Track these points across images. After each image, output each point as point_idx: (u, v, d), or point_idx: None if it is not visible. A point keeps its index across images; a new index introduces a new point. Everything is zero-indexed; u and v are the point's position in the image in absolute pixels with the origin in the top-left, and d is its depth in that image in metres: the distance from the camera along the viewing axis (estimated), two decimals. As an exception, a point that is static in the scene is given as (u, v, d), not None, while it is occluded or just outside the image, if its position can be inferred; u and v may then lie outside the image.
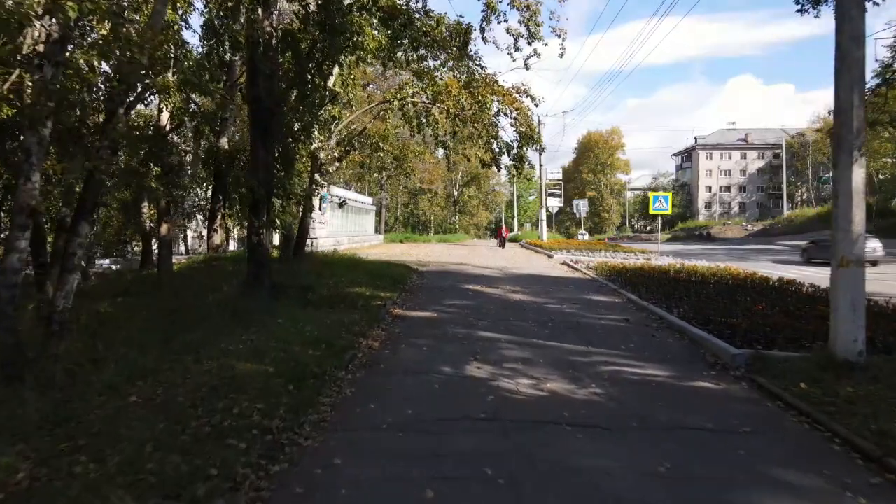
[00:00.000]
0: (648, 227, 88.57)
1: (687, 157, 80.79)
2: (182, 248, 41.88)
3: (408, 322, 7.67)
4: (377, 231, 37.42)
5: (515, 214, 61.14)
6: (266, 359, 5.25)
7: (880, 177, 57.51)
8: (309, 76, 8.58)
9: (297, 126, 8.86)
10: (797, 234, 40.98)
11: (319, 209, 20.48)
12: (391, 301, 8.80)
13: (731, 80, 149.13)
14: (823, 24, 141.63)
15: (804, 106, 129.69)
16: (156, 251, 14.99)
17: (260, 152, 8.36)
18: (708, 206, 75.26)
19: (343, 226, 26.24)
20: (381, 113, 13.45)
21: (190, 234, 44.34)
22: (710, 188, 75.63)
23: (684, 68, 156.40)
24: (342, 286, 9.57)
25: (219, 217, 15.98)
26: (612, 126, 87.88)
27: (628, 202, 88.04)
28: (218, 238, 16.04)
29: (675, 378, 5.28)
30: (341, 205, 17.04)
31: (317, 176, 12.76)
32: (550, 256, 20.76)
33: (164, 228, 12.36)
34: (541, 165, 31.06)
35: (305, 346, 5.75)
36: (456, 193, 55.30)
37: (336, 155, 13.19)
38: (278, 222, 8.22)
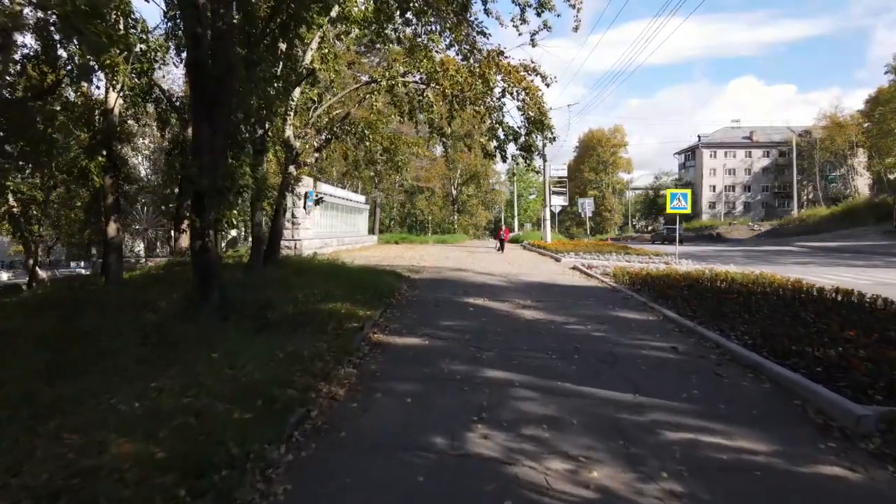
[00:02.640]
0: (650, 228, 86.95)
1: (690, 155, 79.18)
2: (168, 250, 40.08)
3: (390, 353, 5.87)
4: (371, 232, 35.54)
5: (516, 214, 59.38)
6: (164, 429, 3.46)
7: (889, 176, 55.95)
8: (266, 36, 6.77)
9: (254, 102, 7.05)
10: (812, 235, 39.26)
11: (304, 208, 18.69)
12: (371, 321, 7.00)
13: (732, 82, 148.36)
14: (823, 24, 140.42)
15: (806, 107, 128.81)
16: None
17: (204, 133, 6.56)
18: (712, 205, 73.71)
19: (332, 226, 24.38)
20: (368, 96, 11.66)
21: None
22: (714, 187, 74.07)
23: (686, 69, 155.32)
24: (313, 301, 7.77)
25: (187, 216, 14.16)
26: (615, 124, 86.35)
27: (630, 202, 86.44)
28: (186, 240, 14.22)
29: (784, 457, 3.49)
30: (318, 202, 15.24)
31: (291, 168, 10.93)
32: (558, 260, 18.98)
33: (111, 229, 10.55)
34: (545, 161, 29.17)
35: (234, 401, 3.96)
36: (454, 192, 53.47)
37: (315, 144, 11.37)
38: (226, 222, 6.36)
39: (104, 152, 10.22)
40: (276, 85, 9.08)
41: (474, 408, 4.25)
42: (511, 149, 11.81)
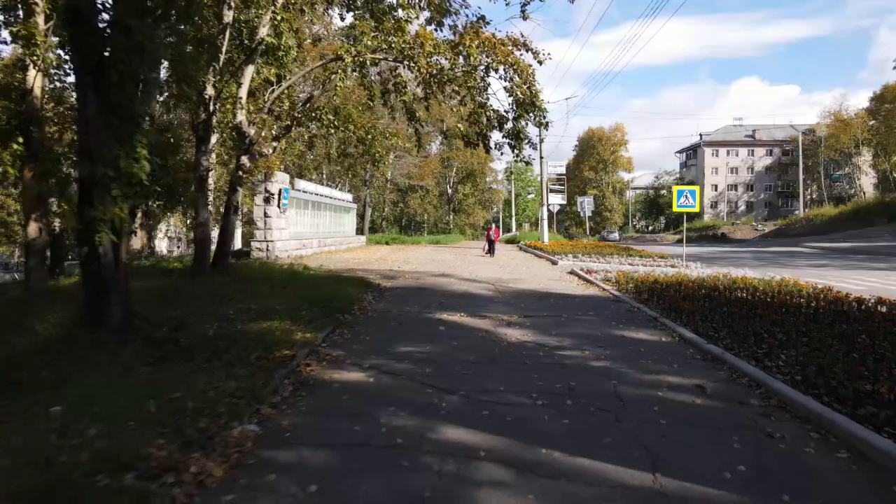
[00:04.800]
0: (651, 227, 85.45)
1: (692, 154, 77.83)
2: (149, 251, 38.57)
3: (318, 397, 4.37)
4: (360, 232, 33.94)
5: (513, 214, 57.98)
6: None
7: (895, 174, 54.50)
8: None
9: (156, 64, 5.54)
10: (820, 235, 37.77)
11: (278, 206, 17.18)
12: (310, 348, 5.50)
13: (736, 83, 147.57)
14: (823, 24, 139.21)
15: (809, 107, 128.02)
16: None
17: (90, 106, 5.09)
18: (714, 205, 72.35)
19: (315, 225, 22.84)
20: (333, 76, 10.11)
21: (161, 237, 40.79)
22: (716, 186, 72.71)
23: (689, 70, 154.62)
24: (247, 319, 6.30)
25: (139, 214, 12.67)
26: (616, 122, 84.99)
27: (630, 201, 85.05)
28: (138, 241, 12.73)
29: None
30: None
31: (245, 159, 9.44)
32: (555, 262, 17.48)
33: (31, 229, 9.04)
34: (540, 149, 27.66)
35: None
36: (450, 191, 51.93)
37: (273, 132, 9.87)
38: (110, 222, 4.84)
39: (20, 139, 8.72)
40: (222, 56, 7.59)
41: (410, 504, 2.76)
42: (497, 137, 10.31)
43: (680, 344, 6.17)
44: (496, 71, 8.83)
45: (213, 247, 11.38)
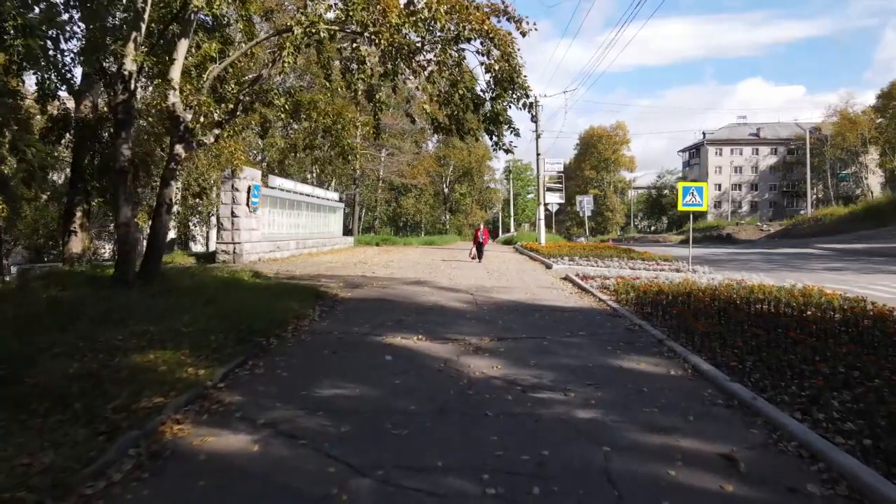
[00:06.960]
0: (653, 228, 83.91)
1: (695, 153, 76.38)
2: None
3: (163, 482, 2.96)
4: (348, 232, 32.48)
5: (512, 214, 56.60)
6: None
7: (907, 172, 52.97)
8: None
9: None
10: (829, 236, 36.26)
11: (247, 204, 15.79)
12: (199, 390, 4.10)
13: (741, 84, 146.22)
14: (824, 25, 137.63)
15: (814, 109, 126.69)
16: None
17: None
18: (717, 204, 70.92)
19: (294, 226, 21.40)
20: (283, 52, 8.66)
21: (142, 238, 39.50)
22: (719, 186, 71.27)
23: (694, 72, 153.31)
24: (137, 346, 4.89)
25: (79, 213, 11.29)
26: (617, 121, 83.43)
27: (632, 201, 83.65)
28: (79, 243, 11.34)
29: None
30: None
31: (179, 148, 8.05)
32: (549, 266, 16.08)
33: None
34: (538, 154, 26.27)
35: None
36: (446, 190, 50.48)
37: (216, 117, 8.48)
38: None
39: None
40: (143, 25, 6.18)
41: None
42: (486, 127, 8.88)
43: (694, 380, 4.76)
44: (469, 41, 7.46)
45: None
